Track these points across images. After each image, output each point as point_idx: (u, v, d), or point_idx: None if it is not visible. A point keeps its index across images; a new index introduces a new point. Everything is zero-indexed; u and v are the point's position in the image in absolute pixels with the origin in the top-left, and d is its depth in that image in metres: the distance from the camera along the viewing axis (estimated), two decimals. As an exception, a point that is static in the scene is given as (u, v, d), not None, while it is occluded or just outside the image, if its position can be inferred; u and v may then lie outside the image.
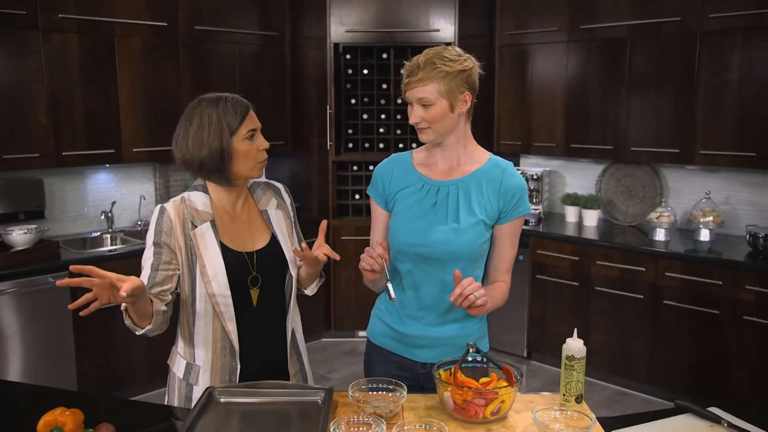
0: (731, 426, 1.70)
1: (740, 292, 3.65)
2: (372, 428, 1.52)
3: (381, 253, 1.77)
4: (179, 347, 1.92)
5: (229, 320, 1.84)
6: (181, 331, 1.91)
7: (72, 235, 4.28)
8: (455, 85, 1.80)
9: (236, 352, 1.86)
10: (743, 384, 3.67)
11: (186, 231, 1.82)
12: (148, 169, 4.68)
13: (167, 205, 1.85)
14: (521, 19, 4.76)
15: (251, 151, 1.82)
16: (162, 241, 1.81)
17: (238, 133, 1.80)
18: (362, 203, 5.08)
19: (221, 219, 1.88)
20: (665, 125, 4.17)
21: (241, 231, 1.91)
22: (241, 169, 1.83)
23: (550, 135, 4.69)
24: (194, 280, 1.83)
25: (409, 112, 1.87)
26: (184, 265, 1.82)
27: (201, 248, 1.82)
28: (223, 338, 1.85)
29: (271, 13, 4.84)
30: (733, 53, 3.85)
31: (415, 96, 1.82)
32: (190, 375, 1.88)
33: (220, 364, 1.86)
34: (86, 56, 3.93)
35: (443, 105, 1.80)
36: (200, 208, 1.86)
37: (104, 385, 3.89)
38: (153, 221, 1.84)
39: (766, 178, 4.13)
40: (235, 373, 1.86)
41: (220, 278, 1.81)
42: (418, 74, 1.79)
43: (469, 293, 1.70)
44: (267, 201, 1.99)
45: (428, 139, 1.87)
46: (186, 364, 1.89)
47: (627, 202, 4.71)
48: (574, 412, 1.62)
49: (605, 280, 4.20)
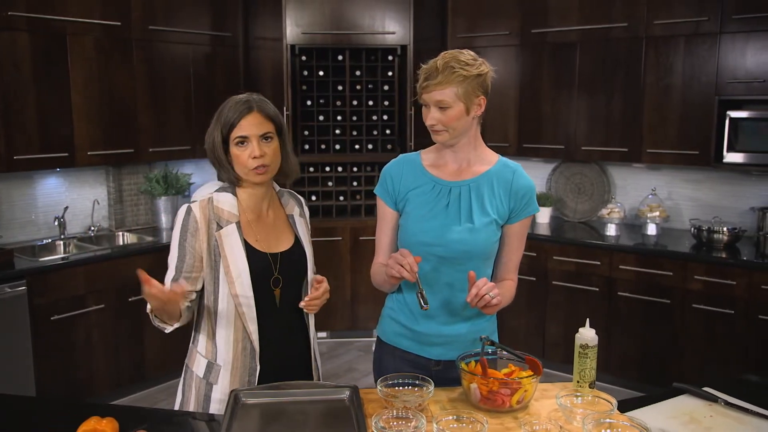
0: (728, 404, 1.84)
1: (689, 282, 3.90)
2: (411, 422, 1.56)
3: (412, 262, 1.79)
4: (200, 346, 1.91)
5: (250, 321, 1.85)
6: (203, 330, 1.91)
7: (20, 242, 4.09)
8: (471, 88, 1.85)
9: (257, 353, 1.86)
10: (694, 368, 3.92)
11: (211, 231, 1.83)
12: (100, 173, 4.52)
13: (194, 205, 1.85)
14: (473, 22, 4.89)
15: (241, 157, 1.82)
16: (187, 242, 1.82)
17: (230, 137, 1.82)
18: (319, 204, 5.08)
19: (247, 219, 1.90)
20: (614, 125, 4.39)
21: (267, 232, 1.93)
22: (239, 174, 1.85)
23: (503, 135, 4.85)
24: (217, 280, 1.84)
25: (425, 114, 1.91)
26: (207, 265, 1.83)
27: (226, 249, 1.83)
28: (244, 338, 1.86)
29: (224, 14, 4.78)
30: (676, 58, 4.10)
31: (433, 99, 1.85)
32: (211, 374, 1.87)
33: (240, 364, 1.86)
34: (37, 56, 3.77)
35: (460, 108, 1.86)
36: (226, 208, 1.86)
37: (64, 393, 3.75)
38: (179, 221, 1.85)
39: (706, 175, 4.42)
40: (254, 374, 1.87)
41: (244, 279, 1.82)
42: (437, 77, 1.83)
43: (485, 293, 1.77)
44: (292, 207, 2.03)
45: (443, 140, 1.92)
46: (207, 363, 1.88)
47: (576, 200, 4.92)
48: (595, 398, 1.72)
49: (561, 274, 4.38)
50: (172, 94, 4.49)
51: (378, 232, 2.10)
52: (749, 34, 3.84)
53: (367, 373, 4.49)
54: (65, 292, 3.71)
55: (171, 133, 4.49)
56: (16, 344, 3.53)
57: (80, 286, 3.78)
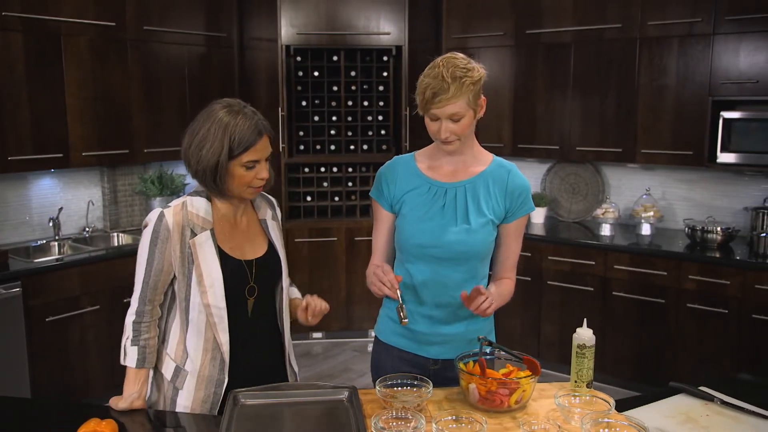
0: (723, 403, 1.85)
1: (683, 281, 3.92)
2: (410, 423, 1.57)
3: (392, 280, 1.83)
4: (169, 348, 1.88)
5: (222, 332, 1.82)
6: (173, 333, 1.87)
7: (15, 243, 4.07)
8: (476, 93, 1.84)
9: (226, 365, 1.83)
10: (688, 367, 3.94)
11: (184, 239, 1.79)
12: (95, 174, 4.51)
13: (166, 211, 1.80)
14: (468, 23, 4.90)
15: (246, 177, 1.79)
16: (157, 248, 1.78)
17: (238, 159, 1.77)
18: (314, 205, 5.09)
19: (221, 226, 1.86)
20: (608, 126, 4.41)
21: (241, 239, 1.90)
22: (233, 189, 1.82)
23: (497, 135, 4.86)
24: (189, 288, 1.80)
25: (436, 129, 1.87)
26: (179, 272, 1.80)
27: (200, 257, 1.79)
28: (214, 349, 1.83)
29: (218, 14, 4.77)
30: (670, 59, 4.12)
31: (447, 113, 1.82)
32: (178, 378, 1.85)
33: (207, 373, 1.83)
34: (31, 56, 3.75)
35: (470, 115, 1.86)
36: (201, 214, 1.82)
37: (60, 394, 3.73)
38: (150, 226, 1.79)
39: (699, 175, 4.44)
40: (221, 386, 1.83)
41: (217, 289, 1.80)
42: (449, 91, 1.78)
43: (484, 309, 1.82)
44: (265, 211, 2.00)
45: (455, 148, 1.91)
46: (175, 366, 1.85)
47: (571, 200, 4.94)
48: (592, 398, 1.73)
49: (556, 274, 4.39)
50: (167, 94, 4.48)
51: (374, 234, 2.10)
52: (742, 35, 3.86)
53: (362, 373, 4.50)
54: (60, 293, 3.70)
55: (166, 134, 4.48)
56: (10, 346, 3.51)
57: (75, 287, 3.76)
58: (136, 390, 1.81)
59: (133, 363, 1.81)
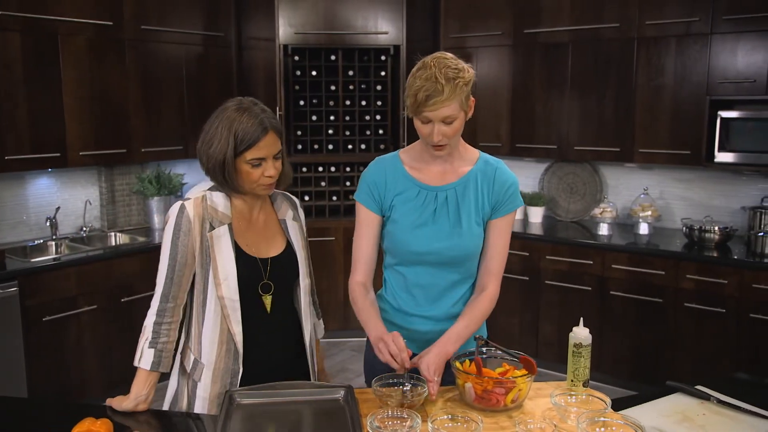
0: (720, 402, 1.85)
1: (681, 281, 3.92)
2: (406, 422, 1.57)
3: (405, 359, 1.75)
4: (190, 342, 1.90)
5: (235, 323, 1.83)
6: (193, 327, 1.89)
7: (12, 243, 4.07)
8: (467, 94, 1.81)
9: (240, 356, 1.85)
10: (686, 367, 3.94)
11: (203, 231, 1.81)
12: (92, 173, 4.51)
13: (187, 203, 1.82)
14: (465, 23, 4.90)
15: (252, 175, 1.80)
16: (180, 241, 1.80)
17: (243, 156, 1.77)
18: (312, 204, 5.08)
19: (237, 222, 1.88)
20: (606, 125, 4.41)
21: (257, 237, 1.91)
22: (244, 186, 1.83)
23: (495, 135, 4.85)
24: (206, 281, 1.83)
25: (427, 132, 1.82)
26: (198, 264, 1.82)
27: (216, 251, 1.81)
28: (229, 340, 1.85)
29: (216, 13, 4.77)
30: (667, 58, 4.12)
31: (441, 115, 1.77)
32: (195, 371, 1.87)
33: (223, 365, 1.85)
34: (29, 55, 3.74)
35: (462, 117, 1.82)
36: (220, 209, 1.85)
37: (56, 394, 3.73)
38: (172, 219, 1.81)
39: (697, 174, 4.44)
40: (237, 376, 1.85)
41: (231, 282, 1.81)
42: (443, 93, 1.74)
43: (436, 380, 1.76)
44: (285, 211, 2.00)
45: (447, 152, 1.89)
46: (194, 360, 1.87)
47: (569, 199, 4.94)
48: (589, 397, 1.72)
49: (554, 273, 4.39)
50: (165, 94, 4.47)
51: (357, 241, 2.01)
52: (740, 34, 3.86)
53: (359, 373, 4.49)
54: (57, 292, 3.70)
55: (163, 133, 4.48)
56: (7, 345, 3.50)
57: (72, 286, 3.76)
58: (144, 392, 1.80)
59: (148, 365, 1.79)
